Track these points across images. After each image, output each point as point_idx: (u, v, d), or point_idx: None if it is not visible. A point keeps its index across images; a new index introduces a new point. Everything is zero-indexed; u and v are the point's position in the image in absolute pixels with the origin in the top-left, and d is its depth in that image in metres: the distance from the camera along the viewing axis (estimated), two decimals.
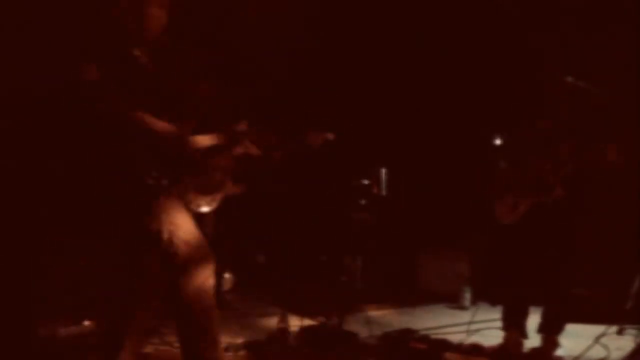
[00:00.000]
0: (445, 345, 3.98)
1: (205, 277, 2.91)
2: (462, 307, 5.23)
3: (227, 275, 5.20)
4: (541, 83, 3.94)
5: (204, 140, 3.06)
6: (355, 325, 4.37)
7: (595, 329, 3.96)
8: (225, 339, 4.07)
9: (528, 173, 3.77)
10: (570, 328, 4.10)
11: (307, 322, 4.43)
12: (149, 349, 3.75)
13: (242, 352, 3.86)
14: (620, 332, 4.11)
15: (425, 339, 4.11)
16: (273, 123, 3.46)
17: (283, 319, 4.09)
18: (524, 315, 3.93)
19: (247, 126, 3.26)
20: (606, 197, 4.85)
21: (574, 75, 3.80)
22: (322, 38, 5.90)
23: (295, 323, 4.25)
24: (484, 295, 5.21)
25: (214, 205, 3.33)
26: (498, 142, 4.16)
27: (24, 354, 3.60)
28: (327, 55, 5.92)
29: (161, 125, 2.81)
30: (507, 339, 3.91)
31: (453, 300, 5.31)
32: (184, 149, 2.88)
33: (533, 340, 3.93)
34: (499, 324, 3.95)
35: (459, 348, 3.96)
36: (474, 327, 4.26)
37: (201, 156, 3.04)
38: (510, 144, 4.03)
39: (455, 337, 4.16)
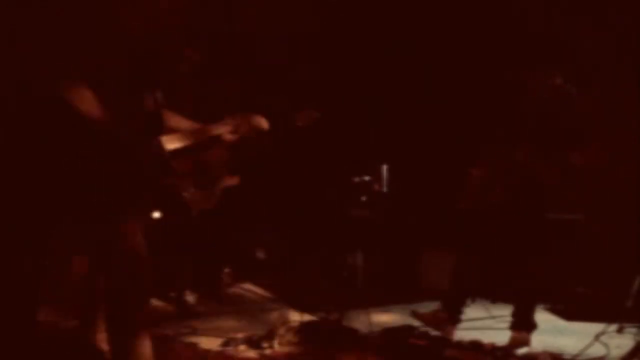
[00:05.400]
0: (445, 342, 3.98)
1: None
2: None
3: (227, 270, 5.19)
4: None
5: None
6: (356, 322, 4.37)
7: (595, 327, 3.95)
8: (224, 334, 4.08)
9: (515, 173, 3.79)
10: (571, 326, 4.11)
11: (307, 317, 4.42)
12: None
13: (241, 347, 3.85)
14: (620, 331, 4.11)
15: (426, 335, 4.10)
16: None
17: (283, 314, 4.08)
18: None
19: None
20: (606, 196, 4.85)
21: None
22: (324, 36, 5.89)
23: (295, 318, 4.24)
24: (483, 292, 5.21)
25: (214, 200, 3.33)
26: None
27: (26, 347, 3.59)
28: (328, 52, 5.91)
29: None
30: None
31: None
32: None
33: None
34: (499, 320, 3.94)
35: (459, 345, 3.95)
36: (473, 324, 4.25)
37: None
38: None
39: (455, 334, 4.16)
